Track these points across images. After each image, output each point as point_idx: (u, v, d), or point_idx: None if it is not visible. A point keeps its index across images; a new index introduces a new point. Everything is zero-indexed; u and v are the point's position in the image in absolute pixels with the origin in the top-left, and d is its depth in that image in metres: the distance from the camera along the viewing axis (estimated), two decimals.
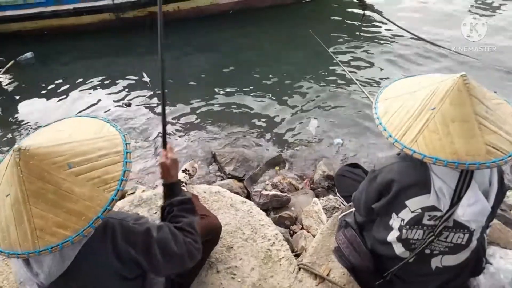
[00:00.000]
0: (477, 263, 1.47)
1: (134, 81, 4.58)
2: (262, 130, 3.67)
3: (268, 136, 3.59)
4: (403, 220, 1.32)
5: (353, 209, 1.74)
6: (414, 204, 1.27)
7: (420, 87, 1.23)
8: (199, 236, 1.29)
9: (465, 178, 1.18)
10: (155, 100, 4.20)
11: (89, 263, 1.06)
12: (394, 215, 1.34)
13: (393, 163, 1.33)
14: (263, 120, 3.81)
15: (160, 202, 2.21)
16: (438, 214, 1.26)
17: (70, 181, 0.95)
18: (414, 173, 1.26)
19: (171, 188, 1.37)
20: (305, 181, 2.98)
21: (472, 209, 1.18)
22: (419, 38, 4.84)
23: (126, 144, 1.05)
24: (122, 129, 1.12)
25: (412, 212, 1.28)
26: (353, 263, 1.55)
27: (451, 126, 1.11)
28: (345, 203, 2.13)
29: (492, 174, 1.24)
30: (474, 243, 1.32)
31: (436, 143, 1.11)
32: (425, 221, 1.29)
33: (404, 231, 1.33)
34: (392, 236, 1.38)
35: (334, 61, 3.59)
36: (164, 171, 1.36)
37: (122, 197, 2.39)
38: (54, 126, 1.12)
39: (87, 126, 1.11)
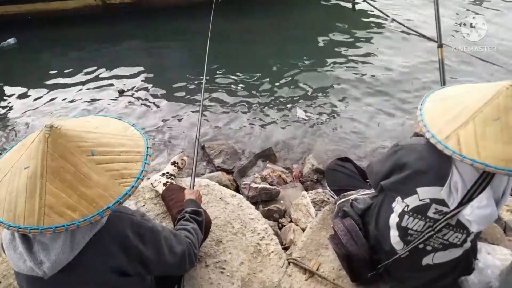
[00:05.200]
0: (467, 264, 1.48)
1: (124, 69, 4.48)
2: (251, 122, 3.63)
3: (257, 128, 3.56)
4: (407, 206, 1.30)
5: (351, 197, 1.73)
6: (425, 193, 1.26)
7: (469, 97, 1.18)
8: (199, 243, 1.46)
9: (483, 181, 1.16)
10: (149, 88, 4.16)
11: (94, 255, 1.07)
12: (399, 198, 1.33)
13: (418, 144, 1.30)
14: (253, 112, 3.78)
15: (147, 195, 2.20)
16: (445, 209, 1.24)
17: (89, 167, 0.98)
18: (436, 162, 1.23)
19: (190, 201, 1.72)
20: (294, 174, 2.97)
21: (481, 211, 1.16)
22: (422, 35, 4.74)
23: (147, 148, 1.11)
24: (144, 133, 1.18)
25: (420, 200, 1.27)
26: (350, 251, 1.53)
27: (493, 126, 1.07)
28: (335, 196, 2.12)
29: (508, 185, 1.23)
30: (468, 244, 1.33)
31: (471, 141, 1.08)
32: (430, 213, 1.28)
33: (406, 217, 1.31)
34: (392, 220, 1.37)
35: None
36: (193, 194, 1.79)
37: None
38: (83, 118, 1.17)
39: (113, 124, 1.17)
